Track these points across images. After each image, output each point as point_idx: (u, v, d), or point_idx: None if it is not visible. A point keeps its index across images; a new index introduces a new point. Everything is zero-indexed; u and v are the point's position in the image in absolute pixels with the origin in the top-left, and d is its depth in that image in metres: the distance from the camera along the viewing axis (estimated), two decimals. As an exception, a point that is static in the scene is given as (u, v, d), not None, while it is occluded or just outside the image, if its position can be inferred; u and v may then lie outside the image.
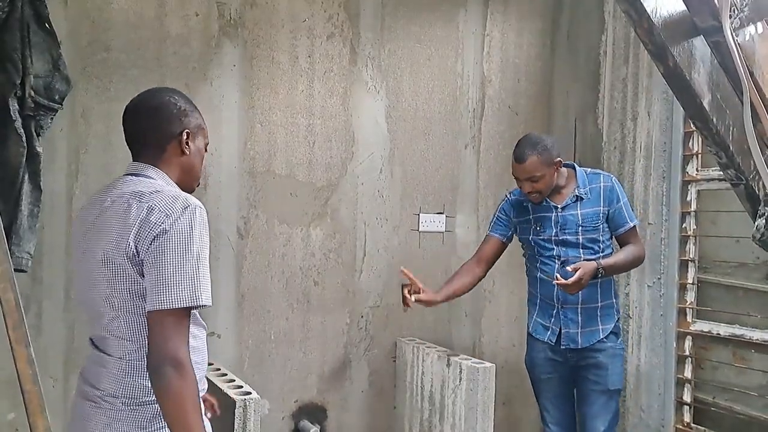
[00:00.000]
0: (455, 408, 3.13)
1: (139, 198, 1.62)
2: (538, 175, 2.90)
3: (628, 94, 3.91)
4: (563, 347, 3.02)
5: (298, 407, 3.47)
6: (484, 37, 3.97)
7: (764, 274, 3.39)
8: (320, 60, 3.46)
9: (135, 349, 1.64)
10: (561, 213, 2.99)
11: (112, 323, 1.65)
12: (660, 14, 2.08)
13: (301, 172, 3.43)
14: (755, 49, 2.24)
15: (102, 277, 1.63)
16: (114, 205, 1.66)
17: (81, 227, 1.74)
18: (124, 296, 1.61)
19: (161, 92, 1.82)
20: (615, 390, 3.04)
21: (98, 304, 1.66)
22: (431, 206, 3.82)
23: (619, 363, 3.04)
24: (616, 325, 3.05)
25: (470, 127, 3.93)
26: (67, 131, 2.90)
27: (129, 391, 1.63)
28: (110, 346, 1.67)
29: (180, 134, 1.77)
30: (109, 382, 1.64)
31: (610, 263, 2.89)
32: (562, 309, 3.01)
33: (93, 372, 1.70)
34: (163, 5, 3.07)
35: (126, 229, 1.59)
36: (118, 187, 1.71)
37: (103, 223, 1.65)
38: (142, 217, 1.58)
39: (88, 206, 1.78)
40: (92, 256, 1.65)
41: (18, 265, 2.63)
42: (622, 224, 2.99)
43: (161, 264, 1.55)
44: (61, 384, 2.91)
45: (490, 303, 4.01)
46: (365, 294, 3.64)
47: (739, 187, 2.47)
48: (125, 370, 1.64)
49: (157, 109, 1.76)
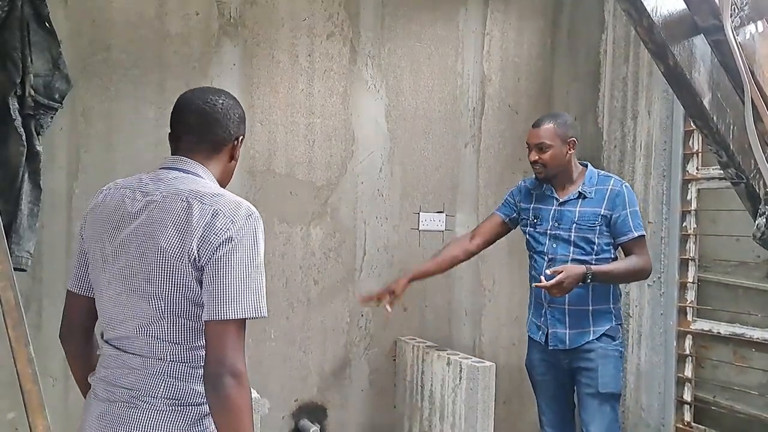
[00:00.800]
0: (455, 407, 3.13)
1: (200, 199, 1.55)
2: (548, 143, 2.88)
3: (629, 93, 3.91)
4: (551, 347, 2.97)
5: (298, 406, 3.48)
6: (484, 36, 3.97)
7: (764, 273, 3.39)
8: (320, 59, 3.46)
9: (179, 351, 1.58)
10: (559, 207, 2.96)
11: (155, 325, 1.56)
12: (660, 13, 2.08)
13: (300, 171, 3.43)
14: (756, 48, 2.24)
15: (153, 276, 1.54)
16: (167, 202, 1.56)
17: (111, 218, 1.62)
18: (177, 299, 1.55)
19: (224, 93, 1.75)
20: (607, 393, 2.90)
21: (138, 304, 1.57)
22: (431, 205, 3.82)
23: (611, 365, 2.91)
24: (613, 328, 2.94)
25: (470, 126, 3.93)
26: (67, 130, 2.90)
27: (172, 392, 1.57)
28: (145, 348, 1.58)
29: (236, 139, 1.73)
30: (146, 382, 1.57)
31: (601, 270, 2.80)
32: (549, 309, 2.96)
33: (118, 374, 1.60)
34: (164, 4, 3.07)
35: (188, 231, 1.52)
36: (166, 181, 1.61)
37: (154, 220, 1.55)
38: (206, 221, 1.52)
39: (117, 196, 1.65)
40: (138, 252, 1.56)
41: (18, 264, 2.64)
42: (625, 232, 2.87)
43: (226, 273, 1.51)
44: (61, 383, 2.91)
45: (490, 302, 4.01)
46: (365, 293, 3.63)
47: (740, 186, 2.46)
48: (167, 371, 1.57)
49: (228, 108, 1.70)
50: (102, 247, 1.62)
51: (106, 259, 1.61)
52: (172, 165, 1.67)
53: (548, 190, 3.02)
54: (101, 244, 1.63)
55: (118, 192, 1.66)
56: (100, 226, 1.64)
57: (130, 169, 2.99)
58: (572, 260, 2.86)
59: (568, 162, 2.95)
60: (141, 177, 1.69)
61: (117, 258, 1.59)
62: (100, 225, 1.64)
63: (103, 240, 1.62)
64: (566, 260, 2.87)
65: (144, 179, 1.66)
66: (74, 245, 2.92)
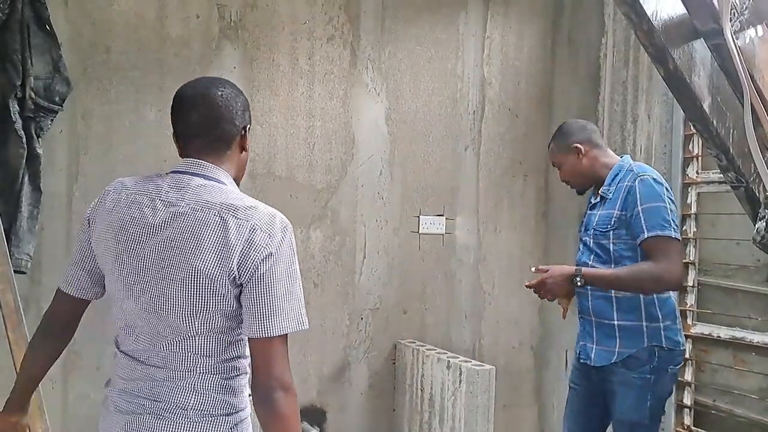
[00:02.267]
0: (455, 410, 3.12)
1: (234, 213, 1.50)
2: (558, 162, 2.80)
3: (629, 97, 3.91)
4: (581, 360, 2.78)
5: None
6: (484, 39, 3.97)
7: (765, 277, 3.38)
8: (320, 62, 3.46)
9: (211, 364, 1.56)
10: (589, 211, 2.81)
11: (187, 340, 1.53)
12: (660, 17, 2.08)
13: (301, 174, 3.43)
14: (755, 52, 2.24)
15: (186, 294, 1.50)
16: (198, 216, 1.50)
17: (129, 228, 1.54)
18: (212, 316, 1.52)
19: (223, 82, 1.65)
20: (627, 421, 2.63)
21: (167, 319, 1.52)
22: (431, 208, 3.82)
23: (632, 394, 2.59)
24: (646, 351, 2.57)
25: (470, 129, 3.93)
26: (67, 133, 2.90)
27: (203, 404, 1.55)
28: (171, 360, 1.55)
29: (243, 129, 1.65)
30: (174, 394, 1.54)
31: (593, 273, 2.55)
32: (581, 320, 2.79)
33: (141, 386, 1.56)
34: (164, 7, 3.07)
35: (226, 249, 1.48)
36: (190, 190, 1.55)
37: (185, 236, 1.50)
38: (245, 237, 1.49)
39: (133, 203, 1.56)
40: (167, 269, 1.51)
41: (17, 267, 2.64)
42: (637, 234, 2.51)
43: (269, 290, 1.50)
44: (60, 385, 2.91)
45: (490, 305, 4.01)
46: (365, 296, 3.64)
47: (740, 190, 2.47)
48: (197, 383, 1.55)
49: (230, 99, 1.61)
50: (119, 258, 1.55)
51: (126, 272, 1.54)
52: (190, 170, 1.59)
53: (591, 194, 2.85)
54: (118, 255, 1.55)
55: (133, 198, 1.57)
56: (116, 235, 1.55)
57: (130, 171, 2.97)
58: (591, 267, 2.67)
59: (590, 167, 2.75)
60: (157, 182, 1.59)
61: (140, 272, 1.53)
62: (115, 233, 1.55)
63: (120, 251, 1.54)
64: (588, 268, 2.67)
65: (162, 186, 1.57)
66: (74, 247, 2.93)
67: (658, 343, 2.58)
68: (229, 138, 1.62)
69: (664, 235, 2.46)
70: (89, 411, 2.94)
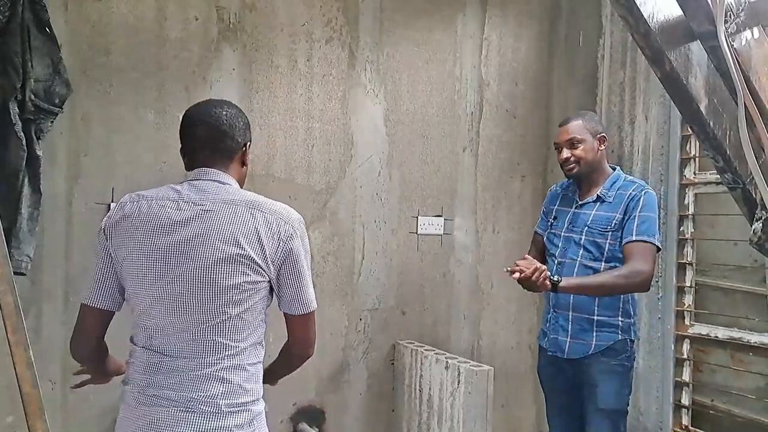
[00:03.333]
0: (453, 411, 3.13)
1: (258, 208, 1.73)
2: (579, 137, 2.84)
3: (626, 98, 3.92)
4: (549, 353, 2.94)
5: (297, 410, 3.48)
6: (482, 40, 3.99)
7: (762, 277, 3.39)
8: (319, 64, 3.47)
9: (238, 350, 1.72)
10: (576, 210, 2.92)
11: (215, 327, 1.68)
12: (657, 19, 2.09)
13: (299, 175, 3.44)
14: (751, 54, 2.25)
15: (223, 278, 1.66)
16: (226, 210, 1.70)
17: (152, 226, 1.69)
18: (253, 299, 1.72)
19: (227, 103, 1.87)
20: (609, 410, 2.80)
21: (202, 305, 1.66)
22: (429, 209, 3.83)
23: (615, 381, 2.80)
24: (620, 343, 2.82)
25: (468, 130, 3.94)
26: (67, 135, 2.91)
27: (227, 394, 1.69)
28: (198, 351, 1.68)
29: (244, 145, 1.86)
30: (203, 384, 1.67)
31: (570, 283, 2.66)
32: (554, 313, 2.92)
33: (166, 380, 1.68)
34: (163, 9, 3.08)
35: (259, 237, 1.69)
36: (210, 192, 1.74)
37: (214, 226, 1.68)
38: (273, 228, 1.71)
39: (156, 206, 1.71)
40: (198, 259, 1.66)
41: (17, 268, 2.64)
42: (625, 236, 2.74)
43: (300, 273, 1.78)
44: (60, 387, 2.91)
45: (488, 306, 4.02)
46: (364, 297, 3.64)
47: (736, 191, 2.48)
48: (220, 372, 1.69)
49: (232, 118, 1.81)
50: (145, 254, 1.68)
51: (154, 266, 1.67)
52: (203, 176, 1.78)
53: (572, 192, 2.99)
54: (144, 252, 1.68)
55: (155, 203, 1.72)
56: (141, 235, 1.69)
57: (130, 173, 3.01)
58: (580, 264, 2.83)
59: (600, 160, 2.90)
60: (175, 188, 1.77)
61: (170, 264, 1.67)
62: (140, 234, 1.69)
63: (147, 247, 1.68)
64: (574, 264, 2.84)
65: (182, 190, 1.75)
66: (74, 250, 2.94)
67: (629, 336, 2.85)
68: (232, 152, 1.82)
69: (649, 242, 2.72)
70: (89, 412, 2.95)
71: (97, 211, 2.95)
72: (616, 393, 2.81)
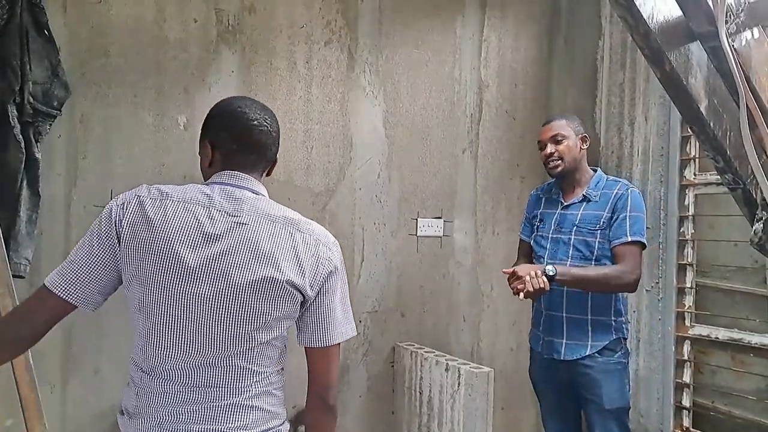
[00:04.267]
0: (453, 413, 3.13)
1: (297, 227, 1.56)
2: (563, 134, 2.88)
3: (626, 99, 3.92)
4: (546, 357, 2.94)
5: (297, 413, 3.47)
6: (481, 42, 3.98)
7: (762, 278, 3.39)
8: (318, 66, 3.47)
9: (267, 375, 1.57)
10: (562, 211, 2.94)
11: (249, 352, 1.53)
12: (656, 19, 2.09)
13: (298, 178, 3.43)
14: (751, 54, 2.25)
15: (256, 300, 1.50)
16: (263, 226, 1.53)
17: (184, 237, 1.49)
18: (280, 324, 1.55)
19: (268, 109, 1.70)
20: (614, 409, 2.81)
21: (230, 328, 1.50)
22: (429, 211, 3.83)
23: (616, 379, 2.82)
24: (613, 342, 2.84)
25: (468, 131, 3.94)
26: (66, 137, 2.90)
27: (260, 420, 1.56)
28: (229, 377, 1.52)
29: (275, 157, 1.71)
30: (235, 414, 1.52)
31: (567, 271, 2.71)
32: (547, 316, 2.94)
33: (193, 410, 1.51)
34: (162, 11, 3.08)
35: (298, 259, 1.53)
36: (246, 202, 1.56)
37: (250, 243, 1.50)
38: (312, 251, 1.55)
39: (183, 212, 1.51)
40: (233, 276, 1.48)
41: (16, 271, 2.64)
42: (618, 236, 2.77)
43: (333, 300, 1.59)
44: (59, 389, 2.91)
45: (488, 308, 4.02)
46: (363, 299, 3.64)
47: (737, 192, 2.47)
48: (256, 398, 1.55)
49: (277, 128, 1.69)
50: (165, 269, 1.48)
51: (176, 284, 1.48)
52: (237, 183, 1.60)
53: (555, 194, 3.01)
54: (165, 267, 1.48)
55: (185, 207, 1.52)
56: (162, 247, 1.48)
57: (128, 175, 3.00)
58: (571, 264, 2.84)
59: (582, 160, 2.94)
60: (205, 192, 1.56)
61: (194, 284, 1.48)
62: (161, 246, 1.48)
63: (167, 261, 1.47)
64: (565, 264, 2.84)
65: (213, 195, 1.55)
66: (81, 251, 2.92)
67: (622, 335, 2.89)
68: (269, 162, 1.68)
69: (637, 241, 2.77)
70: (88, 415, 2.94)
71: (95, 214, 2.92)
72: (619, 391, 2.83)
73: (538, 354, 3.02)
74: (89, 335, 2.94)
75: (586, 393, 2.86)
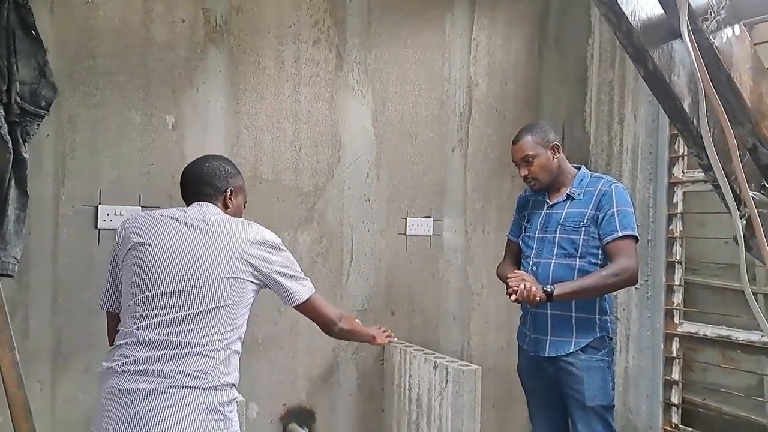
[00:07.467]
0: (442, 410, 3.14)
1: (248, 224, 2.21)
2: (532, 154, 2.88)
3: (615, 97, 3.93)
4: (531, 353, 2.96)
5: (287, 410, 3.48)
6: (470, 41, 3.99)
7: (751, 275, 3.40)
8: (306, 65, 3.48)
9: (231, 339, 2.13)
10: (548, 211, 2.96)
11: (212, 312, 2.08)
12: (638, 17, 2.09)
13: (287, 177, 3.44)
14: (732, 52, 2.26)
15: (222, 270, 2.08)
16: (224, 223, 2.18)
17: (161, 230, 2.13)
18: (240, 291, 2.12)
19: (214, 158, 2.41)
20: (596, 406, 2.82)
21: (201, 292, 2.05)
22: (418, 210, 3.84)
23: (598, 377, 2.83)
24: (597, 340, 2.85)
25: (457, 130, 3.95)
26: (54, 137, 2.91)
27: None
28: (200, 336, 2.05)
29: (225, 191, 2.31)
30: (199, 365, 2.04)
31: (564, 290, 2.71)
32: (534, 313, 2.94)
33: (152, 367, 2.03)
34: (149, 12, 3.08)
35: (252, 240, 2.17)
36: (210, 211, 2.23)
37: (217, 232, 2.14)
38: (260, 236, 2.20)
39: (160, 216, 2.18)
40: (205, 255, 2.08)
41: (4, 270, 2.65)
42: (609, 232, 2.76)
43: (286, 270, 2.26)
44: (49, 388, 2.91)
45: (478, 306, 4.03)
46: (353, 298, 3.65)
47: (721, 189, 2.48)
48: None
49: (213, 170, 2.32)
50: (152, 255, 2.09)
51: (160, 263, 2.08)
52: (198, 206, 2.26)
53: (541, 196, 3.02)
54: (150, 253, 2.10)
55: (159, 213, 2.20)
56: (147, 238, 2.13)
57: (116, 175, 3.01)
58: (556, 262, 2.86)
59: (558, 167, 2.94)
60: (177, 208, 2.26)
61: (176, 260, 2.08)
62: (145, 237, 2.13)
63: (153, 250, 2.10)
64: (550, 262, 2.86)
65: (183, 209, 2.24)
66: (61, 252, 2.93)
67: (604, 332, 2.88)
68: (211, 195, 2.29)
69: (630, 234, 2.77)
70: (77, 413, 2.94)
71: (83, 214, 2.95)
72: (602, 389, 2.84)
73: (525, 351, 3.03)
74: (79, 335, 2.94)
75: (568, 389, 2.87)
